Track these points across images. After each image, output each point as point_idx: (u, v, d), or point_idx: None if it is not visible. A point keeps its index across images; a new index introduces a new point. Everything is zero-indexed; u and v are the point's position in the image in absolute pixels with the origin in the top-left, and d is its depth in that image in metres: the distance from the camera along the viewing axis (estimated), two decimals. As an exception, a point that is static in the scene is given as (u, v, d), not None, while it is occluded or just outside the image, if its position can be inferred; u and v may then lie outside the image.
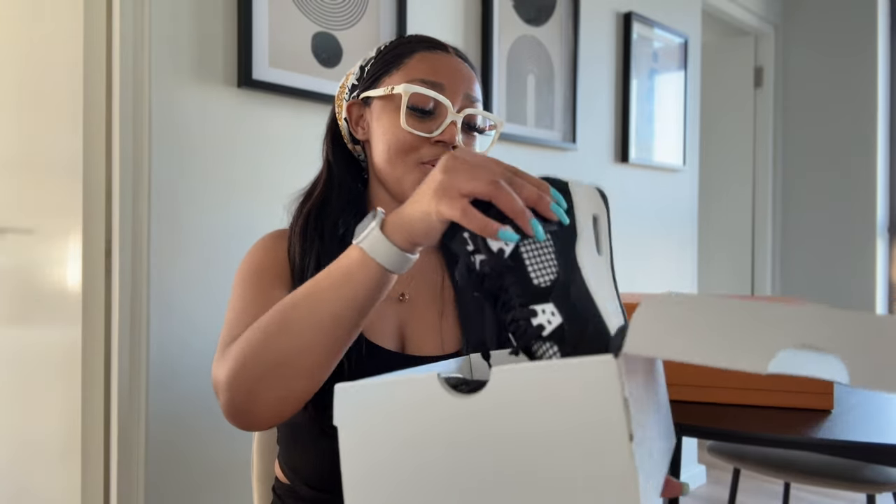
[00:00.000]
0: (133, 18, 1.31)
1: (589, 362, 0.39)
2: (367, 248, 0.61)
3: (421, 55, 0.81)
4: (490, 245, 0.54)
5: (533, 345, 0.52)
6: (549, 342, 0.51)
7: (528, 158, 2.18)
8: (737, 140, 3.84)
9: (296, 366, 0.64)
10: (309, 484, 0.83)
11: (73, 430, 1.36)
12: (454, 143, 0.77)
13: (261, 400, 0.64)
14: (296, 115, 1.55)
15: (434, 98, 0.77)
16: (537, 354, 0.52)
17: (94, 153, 1.33)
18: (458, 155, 0.58)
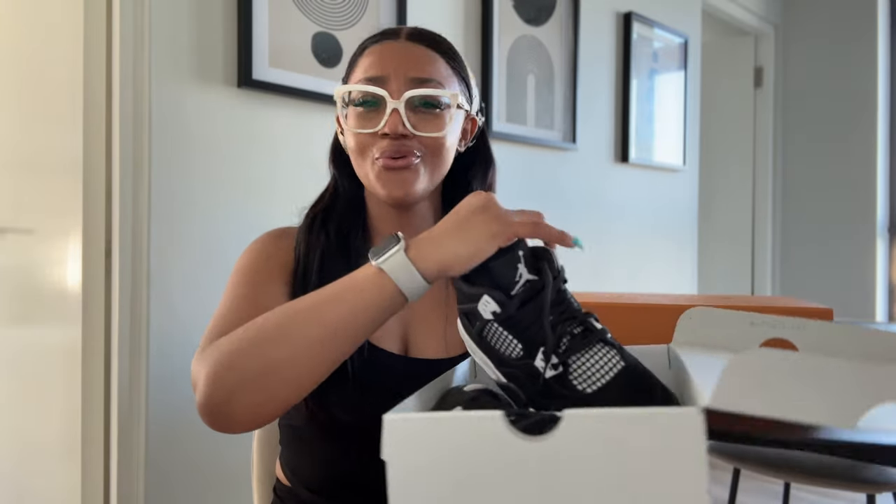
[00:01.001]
0: (133, 18, 1.31)
1: (675, 413, 0.38)
2: (388, 270, 0.60)
3: (368, 51, 0.80)
4: (554, 261, 0.58)
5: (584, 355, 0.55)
6: (610, 347, 0.55)
7: (529, 158, 2.18)
8: (737, 140, 3.84)
9: (284, 375, 0.63)
10: (309, 487, 0.82)
11: (73, 430, 1.36)
12: (397, 133, 0.75)
13: (241, 403, 0.63)
14: (296, 115, 1.55)
15: (370, 92, 0.76)
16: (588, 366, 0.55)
17: (94, 153, 1.33)
18: (486, 198, 0.61)
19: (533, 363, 0.55)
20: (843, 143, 3.63)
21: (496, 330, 0.57)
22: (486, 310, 0.57)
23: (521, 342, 0.56)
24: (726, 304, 0.84)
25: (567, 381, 0.54)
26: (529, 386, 0.55)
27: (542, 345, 0.55)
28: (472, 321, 0.59)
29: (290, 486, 0.85)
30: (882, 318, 3.56)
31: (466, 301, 0.59)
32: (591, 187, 2.44)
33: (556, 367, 0.54)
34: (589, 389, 0.53)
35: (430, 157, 0.78)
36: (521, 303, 0.55)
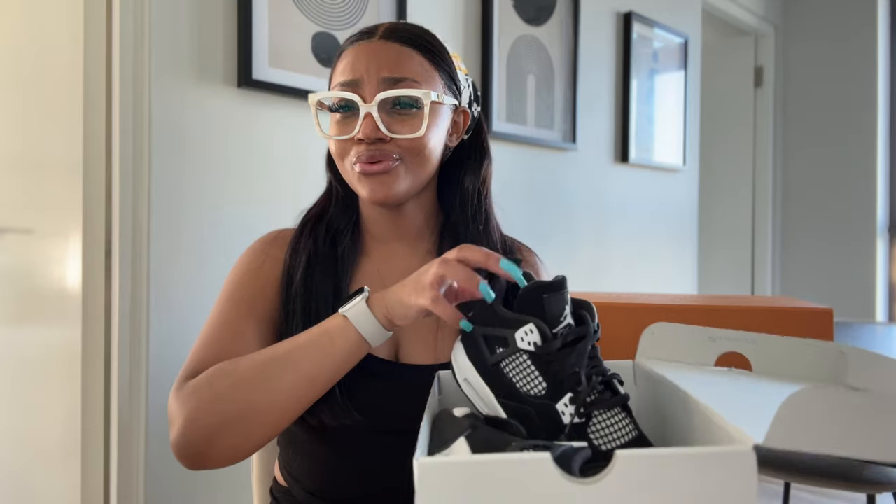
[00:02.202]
0: (133, 18, 1.31)
1: (728, 453, 0.37)
2: (351, 318, 0.68)
3: (344, 54, 0.79)
4: (594, 314, 0.60)
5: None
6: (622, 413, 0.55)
7: (529, 158, 2.18)
8: (737, 140, 3.84)
9: (262, 418, 0.67)
10: (306, 490, 0.82)
11: (73, 430, 1.36)
12: (372, 138, 0.74)
13: (219, 445, 0.67)
14: (296, 115, 1.55)
15: (342, 98, 0.76)
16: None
17: (94, 153, 1.33)
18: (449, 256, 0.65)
19: (554, 406, 0.54)
20: (843, 143, 3.63)
21: (522, 363, 0.56)
22: (525, 340, 0.56)
23: (548, 382, 0.55)
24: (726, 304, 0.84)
25: (585, 433, 0.53)
26: (538, 427, 0.54)
27: (570, 391, 0.54)
28: (492, 347, 0.58)
29: (286, 488, 0.85)
30: (882, 318, 3.56)
31: (498, 325, 0.58)
32: (591, 187, 2.44)
33: (580, 416, 0.54)
34: (604, 447, 0.52)
35: (409, 158, 0.77)
36: (563, 344, 0.56)
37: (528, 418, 0.55)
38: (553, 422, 0.54)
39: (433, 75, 0.79)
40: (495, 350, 0.58)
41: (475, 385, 0.59)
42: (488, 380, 0.58)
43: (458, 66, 0.85)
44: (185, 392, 0.69)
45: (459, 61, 0.86)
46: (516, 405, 0.56)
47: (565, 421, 0.54)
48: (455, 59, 0.85)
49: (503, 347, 0.57)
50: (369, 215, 0.86)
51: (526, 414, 0.55)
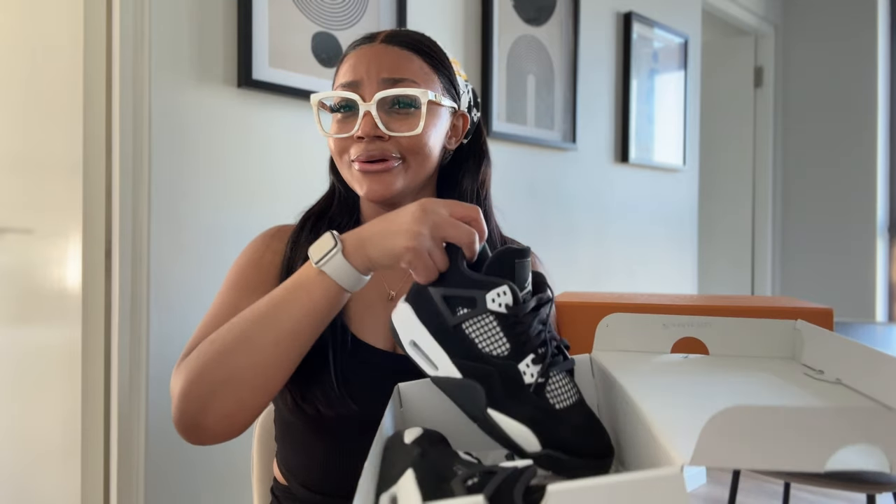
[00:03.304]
0: (133, 18, 1.31)
1: (657, 477, 0.37)
2: (328, 272, 0.65)
3: (347, 58, 0.82)
4: (548, 283, 0.62)
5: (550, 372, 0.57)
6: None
7: (529, 158, 2.18)
8: (737, 140, 3.84)
9: (249, 381, 0.67)
10: (304, 485, 0.83)
11: (73, 430, 1.36)
12: (371, 135, 0.77)
13: (212, 414, 0.67)
14: (296, 115, 1.55)
15: (343, 97, 0.78)
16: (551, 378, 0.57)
17: (94, 153, 1.33)
18: (420, 204, 0.64)
19: (516, 366, 0.56)
20: (844, 143, 3.63)
21: (488, 324, 0.57)
22: (497, 301, 0.57)
23: (511, 343, 0.56)
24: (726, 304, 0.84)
25: (542, 392, 0.56)
26: (498, 386, 0.56)
27: (532, 352, 0.56)
28: (453, 308, 0.58)
29: (286, 485, 0.86)
30: (882, 318, 3.56)
31: (467, 286, 0.59)
32: (591, 187, 2.44)
33: (541, 375, 0.56)
34: (559, 406, 0.55)
35: (408, 156, 0.79)
36: (526, 313, 0.57)
37: (489, 378, 0.56)
38: (514, 382, 0.56)
39: (432, 78, 0.81)
40: (457, 311, 0.58)
41: (424, 346, 0.59)
42: (444, 340, 0.58)
43: (458, 71, 0.87)
44: (180, 368, 0.71)
45: (459, 67, 0.88)
46: (476, 365, 0.57)
47: (526, 381, 0.56)
48: (455, 64, 0.87)
49: (468, 308, 0.58)
50: (370, 214, 0.88)
51: (486, 374, 0.56)
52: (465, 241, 0.61)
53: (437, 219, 0.61)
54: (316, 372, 0.77)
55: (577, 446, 0.53)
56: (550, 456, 0.53)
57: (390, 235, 0.63)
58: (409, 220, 0.62)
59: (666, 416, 0.46)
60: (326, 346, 0.78)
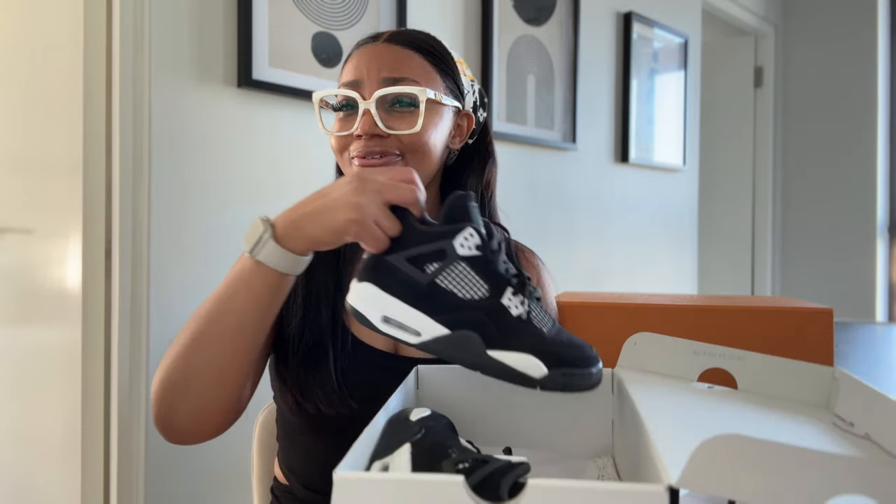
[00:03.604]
0: (133, 18, 1.31)
1: (640, 492, 0.37)
2: (264, 261, 0.63)
3: (350, 58, 0.82)
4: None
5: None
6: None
7: (529, 158, 2.18)
8: (737, 140, 3.84)
9: (205, 378, 0.67)
10: (305, 485, 0.83)
11: (73, 430, 1.36)
12: (370, 133, 0.77)
13: (179, 413, 0.68)
14: (296, 115, 1.55)
15: (343, 96, 0.79)
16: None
17: (94, 153, 1.33)
18: (352, 176, 0.62)
19: (500, 301, 0.57)
20: (843, 143, 3.63)
21: (461, 271, 0.57)
22: (465, 245, 0.57)
23: (489, 283, 0.57)
24: (726, 304, 0.84)
25: (530, 320, 0.57)
26: (490, 326, 0.56)
27: (508, 285, 0.57)
28: (422, 267, 0.58)
29: (286, 485, 0.86)
30: (882, 318, 3.56)
31: (429, 241, 0.58)
32: (591, 187, 2.44)
33: (523, 304, 0.57)
34: (546, 329, 0.56)
35: (409, 154, 0.79)
36: (492, 250, 0.58)
37: (479, 323, 0.56)
38: (504, 318, 0.56)
39: (434, 77, 0.81)
40: (426, 268, 0.58)
41: (400, 317, 0.58)
42: (421, 303, 0.58)
43: (464, 71, 0.87)
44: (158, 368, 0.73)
45: (465, 67, 0.88)
46: (461, 315, 0.56)
47: (514, 313, 0.56)
48: (461, 64, 0.86)
49: (438, 262, 0.57)
50: None
51: (475, 319, 0.56)
52: (410, 198, 0.59)
53: (375, 185, 0.60)
54: (316, 371, 0.77)
55: (576, 360, 0.55)
56: (564, 373, 0.54)
57: (328, 211, 0.61)
58: (348, 192, 0.60)
59: (671, 437, 0.45)
60: (327, 345, 0.78)
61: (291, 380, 0.79)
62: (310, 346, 0.79)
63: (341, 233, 0.61)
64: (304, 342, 0.79)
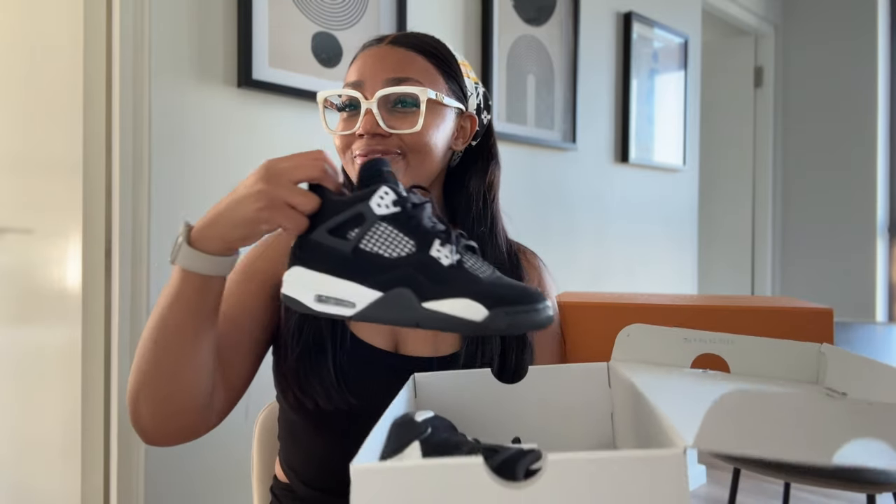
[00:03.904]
0: (133, 18, 1.31)
1: (658, 456, 0.38)
2: (184, 266, 0.64)
3: (355, 60, 0.84)
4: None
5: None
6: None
7: (529, 158, 2.18)
8: (737, 140, 3.84)
9: (156, 384, 0.69)
10: (306, 482, 0.83)
11: (73, 430, 1.36)
12: (372, 132, 0.78)
13: (144, 416, 0.70)
14: (296, 116, 1.55)
15: (346, 95, 0.80)
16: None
17: (94, 153, 1.33)
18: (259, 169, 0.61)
19: (428, 253, 0.56)
20: (844, 143, 3.63)
21: (384, 231, 0.57)
22: (383, 204, 0.57)
23: (414, 238, 0.57)
24: (726, 304, 0.84)
25: (464, 269, 0.56)
26: (422, 279, 0.55)
27: (436, 237, 0.57)
28: (343, 236, 0.58)
29: (287, 483, 0.86)
30: (882, 318, 3.56)
31: (346, 208, 0.58)
32: (591, 187, 2.44)
33: (454, 253, 0.57)
34: (483, 276, 0.56)
35: (411, 154, 0.80)
36: (414, 203, 0.59)
37: (410, 278, 0.56)
38: (434, 269, 0.56)
39: (436, 78, 0.82)
40: (348, 236, 0.58)
41: (331, 292, 0.57)
42: (349, 271, 0.57)
43: (467, 74, 0.88)
44: None
45: (469, 69, 0.89)
46: (391, 274, 0.56)
47: (445, 263, 0.56)
48: (464, 67, 0.87)
49: (358, 226, 0.57)
50: None
51: (406, 276, 0.56)
52: (319, 173, 0.59)
53: (279, 168, 0.60)
54: (315, 367, 0.78)
55: (518, 297, 0.54)
56: (507, 312, 0.53)
57: (235, 206, 0.61)
58: (251, 183, 0.60)
59: (677, 410, 0.45)
60: (325, 342, 0.79)
61: (290, 376, 0.80)
62: (308, 344, 0.79)
63: (253, 224, 0.60)
64: (302, 339, 0.79)
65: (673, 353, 0.65)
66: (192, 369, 0.69)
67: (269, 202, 0.58)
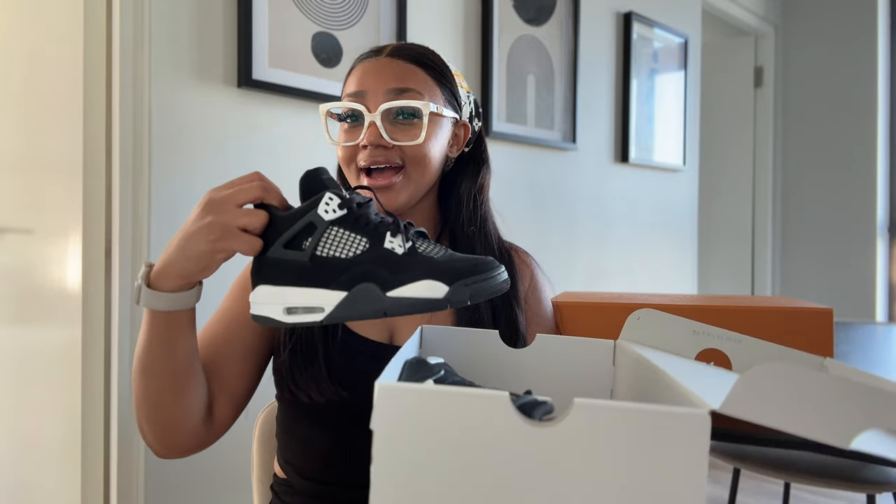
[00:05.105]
0: (133, 18, 1.31)
1: (684, 413, 0.38)
2: (147, 306, 0.66)
3: (354, 70, 0.86)
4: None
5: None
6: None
7: (529, 158, 2.18)
8: (737, 140, 3.84)
9: (147, 409, 0.73)
10: (303, 475, 0.84)
11: (73, 430, 1.36)
12: (376, 144, 0.80)
13: (146, 435, 0.75)
14: (296, 115, 1.55)
15: (349, 108, 0.82)
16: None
17: (94, 153, 1.33)
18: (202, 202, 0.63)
19: (382, 247, 0.59)
20: (844, 144, 3.63)
21: (336, 235, 0.60)
22: (330, 208, 0.60)
23: (366, 235, 0.60)
24: (726, 304, 0.84)
25: (418, 254, 0.59)
26: (381, 271, 0.58)
27: (386, 230, 0.60)
28: (298, 246, 0.60)
29: (285, 479, 0.87)
30: (882, 318, 3.56)
31: (294, 220, 0.60)
32: (591, 187, 2.44)
33: (407, 241, 0.60)
34: (438, 257, 0.59)
35: (411, 165, 0.82)
36: (359, 203, 0.61)
37: (370, 273, 0.58)
38: (391, 259, 0.59)
39: (435, 90, 0.85)
40: (303, 245, 0.60)
41: (299, 301, 0.60)
42: (311, 279, 0.59)
43: (460, 83, 0.90)
44: None
45: (462, 79, 0.91)
46: (352, 273, 0.58)
47: (399, 252, 0.59)
48: (457, 76, 0.90)
49: (311, 235, 0.60)
50: None
51: (366, 272, 0.58)
52: (259, 192, 0.61)
53: (221, 197, 0.61)
54: (307, 361, 0.81)
55: (473, 268, 0.57)
56: (466, 283, 0.56)
57: (187, 242, 0.62)
58: (197, 217, 0.62)
59: (695, 383, 0.46)
60: (317, 337, 0.81)
61: (284, 371, 0.82)
62: (301, 338, 0.82)
63: (209, 255, 0.62)
64: (295, 335, 0.82)
65: (680, 342, 0.66)
66: (179, 396, 0.72)
67: (220, 231, 0.60)
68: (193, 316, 0.70)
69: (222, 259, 0.62)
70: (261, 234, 0.61)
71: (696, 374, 0.52)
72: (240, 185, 0.62)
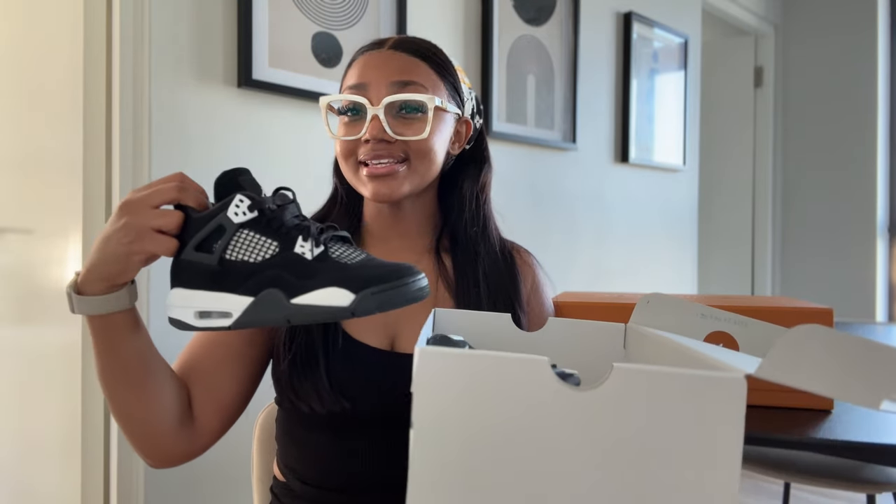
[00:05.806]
0: (133, 18, 1.31)
1: (721, 377, 0.38)
2: (79, 312, 0.65)
3: (355, 63, 0.83)
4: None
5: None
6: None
7: (529, 158, 2.18)
8: (737, 140, 3.84)
9: (119, 418, 0.73)
10: (304, 481, 0.83)
11: (73, 430, 1.36)
12: (378, 138, 0.78)
13: (132, 444, 0.75)
14: (296, 115, 1.55)
15: (351, 101, 0.80)
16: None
17: (94, 153, 1.33)
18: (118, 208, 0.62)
19: (293, 251, 0.58)
20: (844, 144, 3.63)
21: (246, 238, 0.59)
22: (240, 211, 0.59)
23: (277, 239, 0.58)
24: (726, 304, 0.84)
25: (329, 258, 0.58)
26: (288, 276, 0.57)
27: (300, 234, 0.59)
28: (208, 249, 0.59)
29: (285, 482, 0.86)
30: (882, 318, 3.56)
31: (205, 223, 0.59)
32: (591, 187, 2.44)
33: (318, 245, 0.58)
34: (351, 262, 0.57)
35: (414, 159, 0.80)
36: (276, 205, 0.60)
37: (277, 279, 0.57)
38: (299, 264, 0.57)
39: (438, 84, 0.83)
40: (212, 249, 0.59)
41: (208, 306, 0.59)
42: (219, 282, 0.58)
43: (462, 79, 0.88)
44: None
45: (463, 75, 0.89)
46: (259, 277, 0.57)
47: (308, 257, 0.57)
48: (459, 72, 0.88)
49: (220, 238, 0.59)
50: (371, 213, 0.89)
51: (273, 277, 0.57)
52: (175, 194, 0.60)
53: (137, 199, 0.60)
54: (308, 371, 0.78)
55: (383, 276, 0.55)
56: (374, 292, 0.54)
57: (104, 246, 0.62)
58: (111, 223, 0.61)
59: (718, 356, 0.46)
60: (318, 346, 0.79)
61: (284, 382, 0.80)
62: (301, 348, 0.79)
63: (125, 258, 0.61)
64: (294, 344, 0.79)
65: (688, 325, 0.67)
66: (142, 400, 0.71)
67: (135, 233, 0.59)
68: (133, 317, 0.69)
69: (139, 261, 0.62)
70: (178, 235, 0.60)
71: (713, 351, 0.53)
72: (157, 185, 0.61)
